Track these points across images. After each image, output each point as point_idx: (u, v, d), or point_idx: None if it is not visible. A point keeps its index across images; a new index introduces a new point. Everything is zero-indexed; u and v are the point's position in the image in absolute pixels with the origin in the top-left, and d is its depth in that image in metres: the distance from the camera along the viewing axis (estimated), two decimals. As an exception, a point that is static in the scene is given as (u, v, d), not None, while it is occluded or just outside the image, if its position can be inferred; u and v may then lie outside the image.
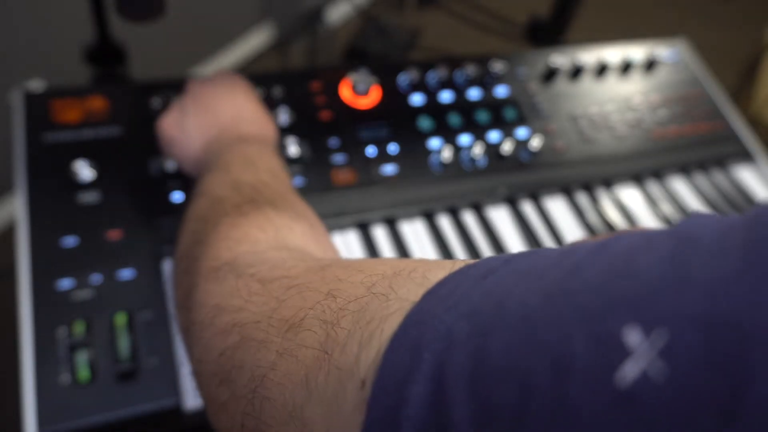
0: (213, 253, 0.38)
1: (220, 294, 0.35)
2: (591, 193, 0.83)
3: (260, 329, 0.30)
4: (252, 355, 0.30)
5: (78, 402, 0.52)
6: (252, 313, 0.32)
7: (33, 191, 0.62)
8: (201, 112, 0.57)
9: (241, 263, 0.36)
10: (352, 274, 0.30)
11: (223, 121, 0.55)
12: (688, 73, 0.97)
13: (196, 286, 0.38)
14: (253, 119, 0.57)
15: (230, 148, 0.50)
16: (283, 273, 0.33)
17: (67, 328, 0.55)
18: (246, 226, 0.40)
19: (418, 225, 0.74)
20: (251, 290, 0.33)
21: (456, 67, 0.85)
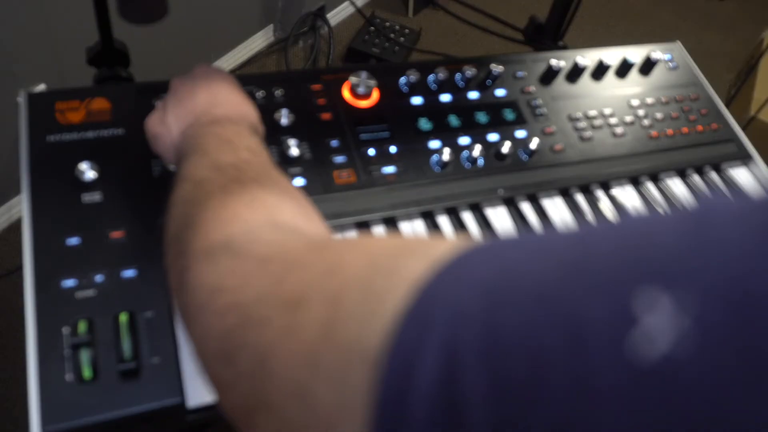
0: (204, 234, 0.38)
1: (215, 275, 0.34)
2: (589, 194, 0.83)
3: (260, 308, 0.30)
4: (254, 334, 0.30)
5: (81, 400, 0.52)
6: (250, 292, 0.31)
7: (36, 191, 0.63)
8: (178, 104, 0.57)
9: (234, 243, 0.35)
10: (353, 252, 0.29)
11: (198, 107, 0.55)
12: (686, 74, 0.98)
13: (188, 269, 0.37)
14: (228, 101, 0.57)
15: (206, 131, 0.51)
16: (280, 251, 0.33)
17: (70, 328, 0.55)
18: (234, 206, 0.39)
19: (418, 225, 0.74)
20: (248, 270, 0.33)
21: (456, 68, 0.85)
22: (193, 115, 0.55)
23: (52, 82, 1.48)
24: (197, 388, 0.56)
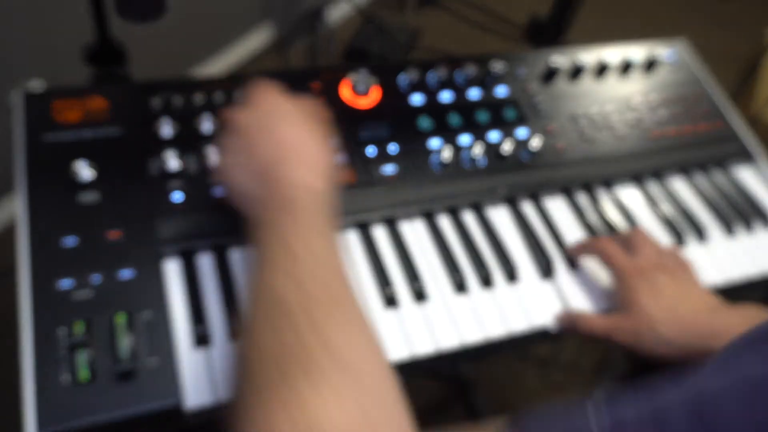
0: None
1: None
2: (591, 193, 0.83)
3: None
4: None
5: (77, 402, 0.52)
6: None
7: (33, 191, 0.62)
8: (245, 155, 0.55)
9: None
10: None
11: (264, 166, 0.53)
12: (688, 73, 0.97)
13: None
14: (300, 154, 0.53)
15: (271, 230, 0.48)
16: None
17: (66, 328, 0.55)
18: (273, 411, 0.36)
19: (418, 225, 0.74)
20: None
21: (456, 67, 0.85)
22: (258, 173, 0.53)
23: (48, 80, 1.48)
24: (195, 389, 0.56)
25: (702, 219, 0.84)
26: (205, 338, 0.59)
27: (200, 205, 0.66)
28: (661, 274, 0.64)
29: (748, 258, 0.81)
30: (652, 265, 0.66)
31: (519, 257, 0.73)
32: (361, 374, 0.39)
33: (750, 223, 0.85)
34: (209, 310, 0.62)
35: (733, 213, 0.85)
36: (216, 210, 0.66)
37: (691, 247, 0.80)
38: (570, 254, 0.74)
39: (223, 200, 0.61)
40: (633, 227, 0.79)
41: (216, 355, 0.59)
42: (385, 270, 0.68)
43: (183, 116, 0.71)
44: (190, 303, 0.61)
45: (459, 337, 0.65)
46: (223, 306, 0.62)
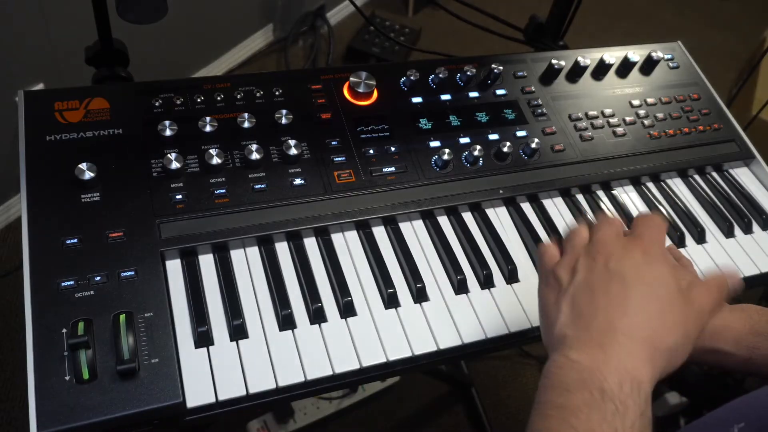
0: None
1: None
2: (590, 194, 0.83)
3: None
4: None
5: (79, 401, 0.52)
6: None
7: (34, 191, 0.63)
8: (581, 294, 0.49)
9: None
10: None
11: (591, 324, 0.47)
12: (687, 74, 0.98)
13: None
14: (632, 335, 0.46)
15: (566, 394, 0.44)
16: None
17: (67, 328, 0.55)
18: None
19: (418, 225, 0.74)
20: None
21: (456, 68, 0.85)
22: (582, 327, 0.47)
23: (50, 81, 1.48)
24: (196, 389, 0.56)
25: (701, 220, 0.84)
26: (206, 338, 0.60)
27: (201, 205, 0.66)
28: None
29: (747, 258, 0.81)
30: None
31: (519, 257, 0.74)
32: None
33: (749, 223, 0.85)
34: (210, 310, 0.62)
35: (732, 213, 0.85)
36: (216, 210, 0.66)
37: (691, 248, 0.81)
38: None
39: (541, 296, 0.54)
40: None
41: (217, 355, 0.59)
42: (386, 270, 0.68)
43: (183, 116, 0.71)
44: (191, 303, 0.61)
45: (459, 337, 0.65)
46: (224, 306, 0.62)
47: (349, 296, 0.65)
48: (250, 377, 0.58)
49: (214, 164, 0.67)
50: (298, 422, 1.43)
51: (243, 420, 1.41)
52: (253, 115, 0.72)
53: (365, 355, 0.62)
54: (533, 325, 0.68)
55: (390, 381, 1.51)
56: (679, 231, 0.81)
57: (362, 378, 0.62)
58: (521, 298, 0.70)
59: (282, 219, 0.68)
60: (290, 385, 0.59)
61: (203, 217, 0.66)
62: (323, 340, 0.62)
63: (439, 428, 1.52)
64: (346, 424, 1.48)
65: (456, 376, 1.56)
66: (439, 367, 1.52)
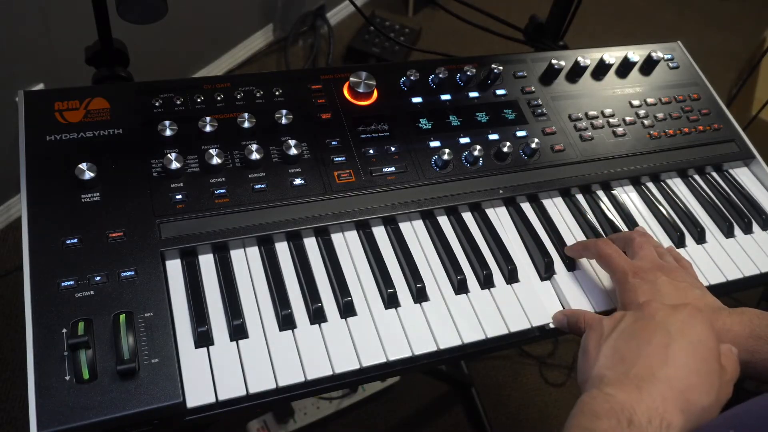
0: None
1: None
2: (590, 194, 0.83)
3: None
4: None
5: (79, 401, 0.52)
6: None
7: (35, 191, 0.63)
8: (624, 338, 0.52)
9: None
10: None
11: (628, 362, 0.49)
12: (687, 74, 0.98)
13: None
14: (668, 380, 0.47)
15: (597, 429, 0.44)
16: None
17: (67, 328, 0.55)
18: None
19: (418, 225, 0.74)
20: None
21: (456, 68, 0.85)
22: (618, 365, 0.49)
23: (50, 81, 1.48)
24: (196, 389, 0.56)
25: (701, 219, 0.84)
26: (206, 338, 0.60)
27: (201, 205, 0.66)
28: (661, 275, 0.64)
29: (747, 258, 0.81)
30: (651, 266, 0.66)
31: (519, 257, 0.74)
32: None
33: (749, 223, 0.85)
34: (210, 310, 0.62)
35: (732, 213, 0.85)
36: (216, 210, 0.66)
37: (691, 248, 0.81)
38: (568, 255, 0.74)
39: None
40: (635, 228, 0.80)
41: (217, 355, 0.59)
42: (386, 270, 0.68)
43: (183, 117, 0.71)
44: (191, 303, 0.61)
45: (459, 337, 0.65)
46: (224, 306, 0.62)
47: (349, 296, 0.65)
48: (250, 377, 0.58)
49: (214, 164, 0.67)
50: (298, 422, 1.43)
51: (243, 420, 1.41)
52: (253, 115, 0.72)
53: (365, 355, 0.62)
54: (533, 325, 0.68)
55: (390, 381, 1.51)
56: (679, 231, 0.81)
57: (362, 378, 0.63)
58: (521, 298, 0.70)
59: (282, 219, 0.68)
60: (290, 385, 0.59)
61: (203, 217, 0.66)
62: (323, 340, 0.62)
63: (439, 428, 1.52)
64: (346, 424, 1.49)
65: (456, 376, 1.56)
66: (439, 367, 1.52)
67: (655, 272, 0.64)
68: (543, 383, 1.62)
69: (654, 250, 0.68)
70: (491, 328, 0.67)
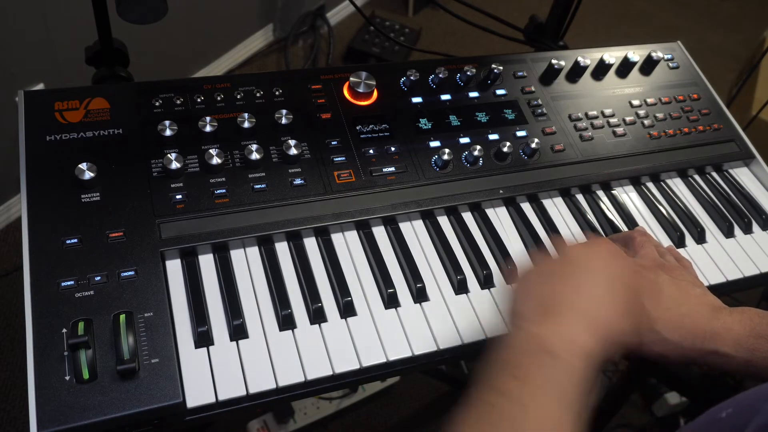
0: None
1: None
2: (590, 194, 0.83)
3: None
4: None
5: (79, 401, 0.52)
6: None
7: (35, 191, 0.63)
8: (541, 279, 0.55)
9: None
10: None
11: (544, 299, 0.52)
12: (687, 74, 0.98)
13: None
14: (581, 309, 0.51)
15: (518, 364, 0.47)
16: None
17: (67, 328, 0.55)
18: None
19: (418, 225, 0.74)
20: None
21: (456, 68, 0.85)
22: (536, 301, 0.52)
23: (50, 81, 1.48)
24: (196, 389, 0.56)
25: (701, 219, 0.84)
26: (206, 338, 0.60)
27: (201, 205, 0.66)
28: (662, 273, 0.64)
29: (746, 258, 0.81)
30: (652, 265, 0.66)
31: (519, 258, 0.74)
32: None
33: (749, 223, 0.85)
34: (210, 310, 0.62)
35: (732, 214, 0.85)
36: (216, 210, 0.66)
37: (691, 248, 0.81)
38: None
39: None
40: (635, 227, 0.80)
41: (217, 355, 0.59)
42: (386, 270, 0.68)
43: (183, 117, 0.71)
44: (191, 303, 0.61)
45: (459, 337, 0.65)
46: (224, 306, 0.62)
47: (349, 296, 0.65)
48: (250, 377, 0.58)
49: (214, 164, 0.67)
50: (298, 422, 1.43)
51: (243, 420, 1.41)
52: (253, 115, 0.72)
53: (365, 355, 0.62)
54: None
55: (390, 381, 1.51)
56: (679, 231, 0.81)
57: (362, 378, 0.63)
58: (521, 298, 0.70)
59: (282, 219, 0.68)
60: (290, 385, 0.59)
61: (203, 217, 0.66)
62: (323, 340, 0.62)
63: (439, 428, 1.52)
64: (346, 424, 1.49)
65: (456, 376, 1.56)
66: (439, 367, 1.52)
67: (657, 271, 0.64)
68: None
69: (655, 250, 0.69)
70: (491, 328, 0.67)
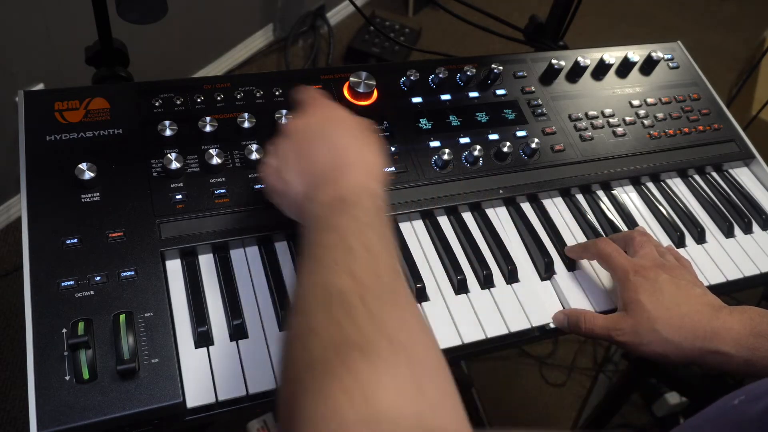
0: (306, 428, 0.37)
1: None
2: (590, 194, 0.83)
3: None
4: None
5: (79, 401, 0.52)
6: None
7: (34, 191, 0.63)
8: (297, 158, 0.56)
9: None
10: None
11: (321, 169, 0.54)
12: (687, 74, 0.98)
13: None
14: (354, 162, 0.55)
15: (327, 222, 0.49)
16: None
17: (67, 328, 0.55)
18: (332, 395, 0.37)
19: (418, 225, 0.74)
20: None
21: (456, 68, 0.85)
22: (316, 177, 0.54)
23: (50, 81, 1.48)
24: (196, 389, 0.56)
25: (701, 219, 0.84)
26: (206, 338, 0.60)
27: (201, 205, 0.66)
28: (662, 273, 0.65)
29: (746, 258, 0.81)
30: (652, 264, 0.66)
31: (519, 257, 0.74)
32: (415, 356, 0.41)
33: (749, 223, 0.85)
34: (210, 310, 0.62)
35: (732, 213, 0.85)
36: (216, 210, 0.66)
37: (691, 248, 0.81)
38: (568, 256, 0.75)
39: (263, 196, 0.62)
40: (635, 227, 0.80)
41: (217, 355, 0.59)
42: (385, 270, 0.68)
43: (183, 116, 0.71)
44: (191, 303, 0.61)
45: (459, 337, 0.65)
46: (224, 306, 0.62)
47: (349, 296, 0.65)
48: (250, 377, 0.58)
49: (214, 164, 0.67)
50: (298, 422, 1.43)
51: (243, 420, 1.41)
52: (253, 115, 0.72)
53: (365, 355, 0.62)
54: (533, 325, 0.68)
55: (390, 381, 1.51)
56: (679, 231, 0.81)
57: (362, 378, 0.62)
58: (521, 298, 0.70)
59: (281, 219, 0.68)
60: (290, 385, 0.59)
61: (203, 217, 0.66)
62: (323, 340, 0.62)
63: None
64: (346, 424, 1.48)
65: (456, 376, 1.56)
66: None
67: (656, 270, 0.64)
68: (543, 383, 1.62)
69: (654, 249, 0.69)
70: (491, 328, 0.67)
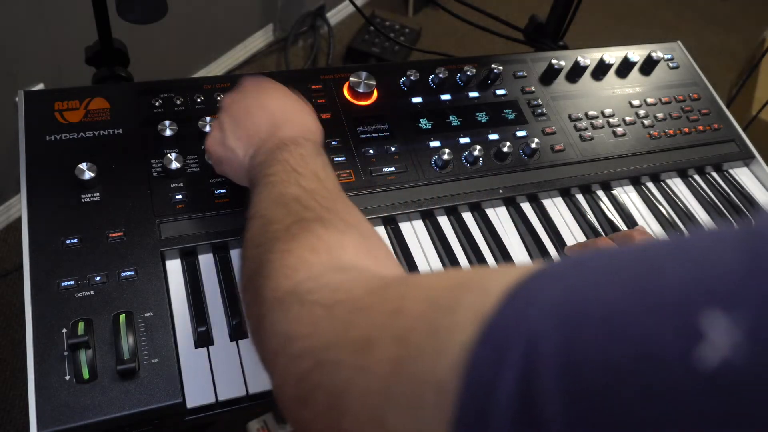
0: (273, 283, 0.40)
1: (286, 322, 0.37)
2: (590, 194, 0.83)
3: (331, 353, 0.32)
4: (327, 376, 0.32)
5: (79, 401, 0.52)
6: (321, 338, 0.34)
7: (34, 191, 0.63)
8: (237, 125, 0.57)
9: (301, 290, 0.37)
10: (413, 291, 0.31)
11: (261, 130, 0.56)
12: (687, 74, 0.98)
13: (263, 317, 0.39)
14: (290, 120, 0.57)
15: (272, 159, 0.51)
16: (345, 296, 0.35)
17: (67, 328, 0.55)
18: (299, 251, 0.41)
19: (418, 225, 0.74)
20: (316, 317, 0.35)
21: (456, 68, 0.85)
22: (257, 137, 0.55)
23: (50, 81, 1.48)
24: (196, 389, 0.56)
25: (701, 219, 0.84)
26: (206, 338, 0.60)
27: (201, 204, 0.66)
28: None
29: (746, 258, 0.81)
30: None
31: (519, 257, 0.74)
32: (364, 232, 0.45)
33: (749, 223, 0.85)
34: (210, 310, 0.62)
35: (732, 213, 0.85)
36: (216, 210, 0.66)
37: (690, 248, 0.81)
38: (569, 256, 0.75)
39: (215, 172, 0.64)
40: (636, 227, 0.80)
41: (217, 355, 0.59)
42: (385, 270, 0.68)
43: (183, 116, 0.71)
44: (191, 303, 0.61)
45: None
46: (224, 306, 0.62)
47: (349, 296, 0.65)
48: (250, 377, 0.58)
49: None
50: (298, 422, 1.43)
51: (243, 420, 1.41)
52: (253, 115, 0.72)
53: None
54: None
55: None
56: (679, 231, 0.81)
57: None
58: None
59: (282, 219, 0.68)
60: (290, 385, 0.59)
61: (203, 217, 0.66)
62: (323, 340, 0.62)
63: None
64: (346, 424, 1.48)
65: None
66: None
67: None
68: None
69: None
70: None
